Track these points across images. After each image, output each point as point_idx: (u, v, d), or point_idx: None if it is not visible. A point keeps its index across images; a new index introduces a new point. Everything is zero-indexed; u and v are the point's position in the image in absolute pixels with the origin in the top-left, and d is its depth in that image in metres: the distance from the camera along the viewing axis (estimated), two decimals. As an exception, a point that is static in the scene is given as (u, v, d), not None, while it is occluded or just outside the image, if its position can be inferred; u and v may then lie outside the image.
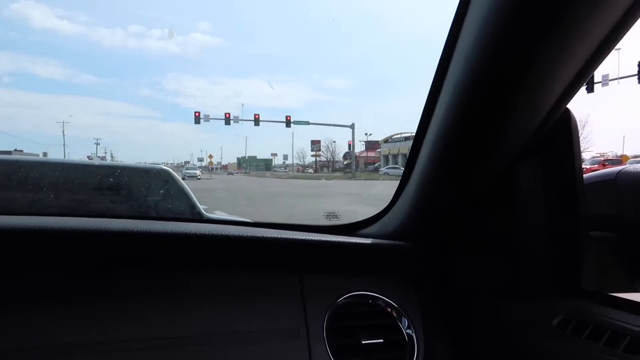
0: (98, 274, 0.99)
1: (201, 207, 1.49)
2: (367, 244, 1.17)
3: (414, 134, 1.07)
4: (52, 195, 1.29)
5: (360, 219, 1.35)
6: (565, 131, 0.87)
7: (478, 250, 1.08)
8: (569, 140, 0.87)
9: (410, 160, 1.09)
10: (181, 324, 0.98)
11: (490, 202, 1.00)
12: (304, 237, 1.11)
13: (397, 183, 1.20)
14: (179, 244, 1.02)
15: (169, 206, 1.37)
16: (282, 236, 1.09)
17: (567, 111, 0.86)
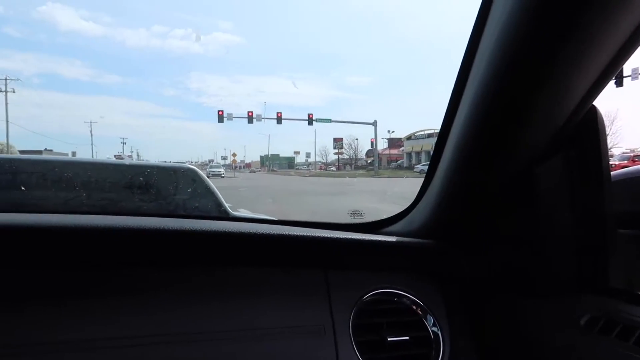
0: (130, 270, 1.02)
1: (227, 205, 1.51)
2: (392, 241, 1.17)
3: (437, 131, 1.07)
4: (84, 194, 1.34)
5: (385, 216, 1.36)
6: (591, 129, 0.86)
7: (502, 248, 1.08)
8: (594, 138, 0.86)
9: (434, 158, 1.09)
10: (209, 319, 1.00)
11: (514, 200, 0.99)
12: (329, 235, 1.13)
13: (421, 181, 1.20)
14: (208, 241, 1.05)
15: (196, 204, 1.40)
16: (307, 234, 1.11)
17: (594, 108, 0.85)
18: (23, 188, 1.29)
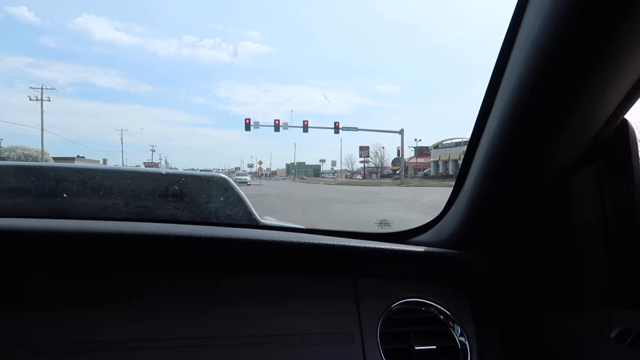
0: (166, 274, 1.06)
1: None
2: (420, 251, 1.18)
3: (465, 140, 1.07)
4: (122, 202, 1.39)
5: (413, 226, 1.36)
6: (622, 141, 0.86)
7: (531, 259, 1.07)
8: (626, 150, 0.85)
9: (463, 169, 1.10)
10: (238, 324, 1.03)
11: (544, 211, 0.99)
12: (358, 244, 1.14)
13: (449, 191, 1.20)
14: (240, 248, 1.08)
15: (228, 212, 1.44)
16: (336, 243, 1.13)
17: (625, 121, 0.84)
18: (65, 195, 1.35)
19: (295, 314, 1.07)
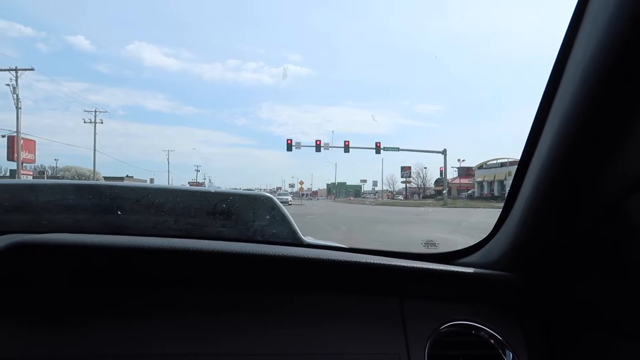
0: (213, 290, 1.08)
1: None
2: (469, 273, 1.15)
3: (512, 161, 1.05)
4: (172, 219, 1.43)
5: (459, 248, 1.33)
6: None
7: (589, 284, 1.02)
8: None
9: (513, 189, 1.07)
10: (286, 342, 1.04)
11: (603, 232, 0.94)
12: (405, 264, 1.13)
13: (495, 212, 1.17)
14: (287, 266, 1.09)
15: (274, 231, 1.45)
16: (383, 262, 1.12)
17: None
18: (119, 212, 1.40)
19: (340, 333, 1.07)
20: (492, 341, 1.11)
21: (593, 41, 0.71)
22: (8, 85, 32.41)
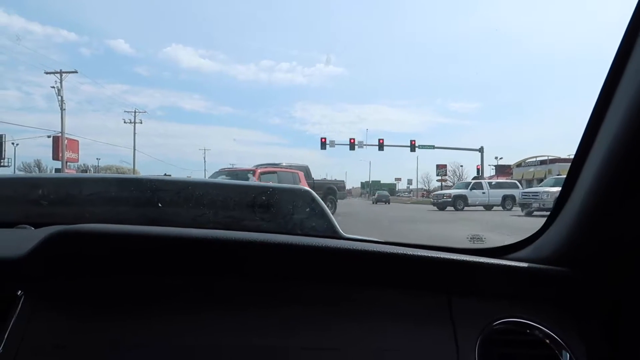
0: (254, 282, 1.06)
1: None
2: (521, 267, 1.09)
3: (552, 158, 1.01)
4: (211, 212, 1.43)
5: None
6: None
7: None
8: None
9: (569, 181, 1.02)
10: (330, 335, 1.01)
11: None
12: (452, 257, 1.08)
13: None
14: (330, 258, 1.06)
15: (313, 224, 1.42)
16: (430, 255, 1.07)
17: None
18: (160, 205, 1.41)
19: (385, 328, 1.03)
20: (547, 341, 1.05)
21: None
22: (53, 87, 33.93)
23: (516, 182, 28.68)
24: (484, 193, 24.90)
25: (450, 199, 24.95)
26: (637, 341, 1.01)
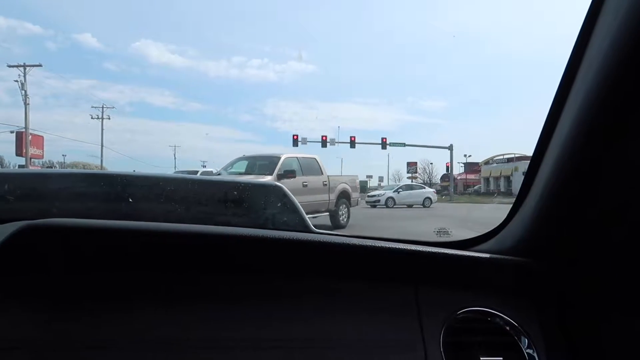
0: (222, 276, 1.07)
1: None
2: (484, 258, 1.14)
3: (517, 156, 1.06)
4: (183, 207, 1.43)
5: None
6: None
7: (614, 263, 1.01)
8: None
9: (529, 175, 1.07)
10: (299, 328, 1.03)
11: (628, 218, 0.93)
12: (419, 249, 1.12)
13: (502, 207, 1.18)
14: (300, 251, 1.08)
15: (285, 219, 1.44)
16: (397, 247, 1.11)
17: None
18: (130, 200, 1.40)
19: (353, 319, 1.06)
20: (507, 328, 1.10)
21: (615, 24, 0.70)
22: (17, 81, 32.64)
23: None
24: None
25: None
26: (586, 327, 1.08)
